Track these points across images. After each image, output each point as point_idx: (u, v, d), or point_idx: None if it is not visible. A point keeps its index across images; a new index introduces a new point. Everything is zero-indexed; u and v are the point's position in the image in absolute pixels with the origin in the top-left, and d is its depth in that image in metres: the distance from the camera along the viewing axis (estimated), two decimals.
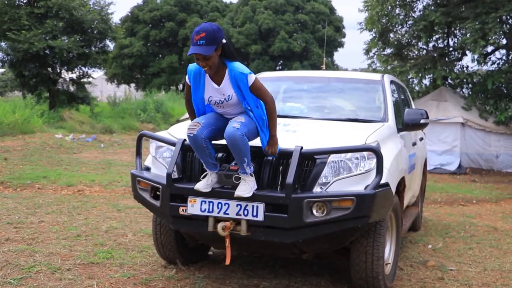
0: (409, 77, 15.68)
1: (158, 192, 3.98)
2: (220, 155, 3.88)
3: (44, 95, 22.12)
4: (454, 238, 6.59)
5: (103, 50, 22.68)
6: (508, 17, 13.50)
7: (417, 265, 5.31)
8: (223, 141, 3.82)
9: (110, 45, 23.99)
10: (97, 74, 32.15)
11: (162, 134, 4.42)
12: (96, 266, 4.73)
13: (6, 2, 19.79)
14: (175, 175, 3.89)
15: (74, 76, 22.54)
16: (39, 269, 4.53)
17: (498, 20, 12.48)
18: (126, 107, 23.66)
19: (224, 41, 3.58)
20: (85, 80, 22.97)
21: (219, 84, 3.69)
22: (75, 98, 22.12)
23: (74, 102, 22.12)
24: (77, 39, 20.41)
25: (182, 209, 3.79)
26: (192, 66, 3.78)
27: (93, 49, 22.12)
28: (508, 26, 13.82)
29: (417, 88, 16.30)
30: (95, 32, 21.68)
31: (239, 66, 3.67)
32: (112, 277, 4.48)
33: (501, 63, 15.05)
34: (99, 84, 37.83)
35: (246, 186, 3.58)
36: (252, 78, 3.63)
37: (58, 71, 21.72)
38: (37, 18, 20.30)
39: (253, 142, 3.81)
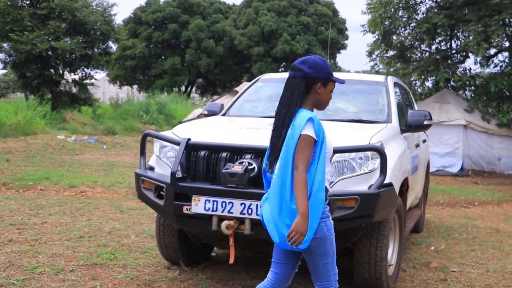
0: (411, 79, 15.66)
1: (162, 191, 3.99)
2: (224, 154, 3.88)
3: (46, 96, 22.13)
4: (456, 240, 6.58)
5: (105, 52, 22.67)
6: (511, 20, 13.48)
7: (419, 267, 5.30)
8: (227, 142, 3.85)
9: (113, 46, 23.95)
10: (100, 75, 32.15)
11: (166, 133, 4.44)
12: (99, 267, 4.74)
13: (9, 3, 19.81)
14: (179, 174, 3.90)
15: (76, 77, 22.53)
16: (42, 270, 4.54)
17: (501, 23, 12.46)
18: (128, 108, 23.67)
19: None
20: (87, 81, 22.95)
21: None
22: (77, 100, 22.11)
23: (77, 103, 22.11)
24: (80, 40, 20.41)
25: (186, 208, 3.80)
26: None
27: (96, 50, 22.10)
28: (511, 29, 13.81)
29: (419, 90, 16.27)
30: (97, 33, 21.68)
31: None
32: (116, 278, 4.49)
33: (503, 65, 15.02)
34: (102, 85, 37.83)
35: None
36: None
37: (61, 72, 21.73)
38: (39, 19, 20.31)
39: (252, 142, 3.83)
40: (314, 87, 2.93)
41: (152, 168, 4.36)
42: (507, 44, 14.39)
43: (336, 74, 6.55)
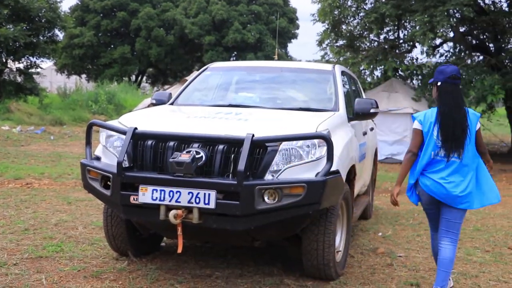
0: (361, 68, 15.92)
1: (108, 182, 3.91)
2: (171, 143, 3.84)
3: None
4: (403, 226, 6.75)
5: (52, 40, 22.02)
6: (455, 11, 13.87)
7: (367, 252, 5.41)
8: (175, 131, 3.82)
9: (59, 34, 23.31)
10: (46, 64, 31.17)
11: (112, 123, 4.35)
12: (45, 260, 4.62)
13: None
14: (125, 163, 3.82)
15: (21, 66, 21.81)
16: None
17: (445, 13, 12.81)
18: (77, 98, 23.16)
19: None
20: (33, 70, 22.26)
21: None
22: (22, 89, 21.41)
23: (22, 93, 21.42)
24: (24, 27, 19.73)
25: (133, 198, 3.74)
26: None
27: (41, 38, 21.44)
28: (455, 19, 14.21)
29: (369, 79, 16.57)
30: (43, 20, 21.01)
31: None
32: (62, 270, 4.39)
33: (448, 55, 15.48)
34: (49, 74, 36.76)
35: None
36: None
37: (4, 60, 20.97)
38: None
39: (200, 131, 3.82)
40: None
41: (98, 158, 4.27)
42: (451, 34, 14.82)
43: (287, 63, 6.59)
